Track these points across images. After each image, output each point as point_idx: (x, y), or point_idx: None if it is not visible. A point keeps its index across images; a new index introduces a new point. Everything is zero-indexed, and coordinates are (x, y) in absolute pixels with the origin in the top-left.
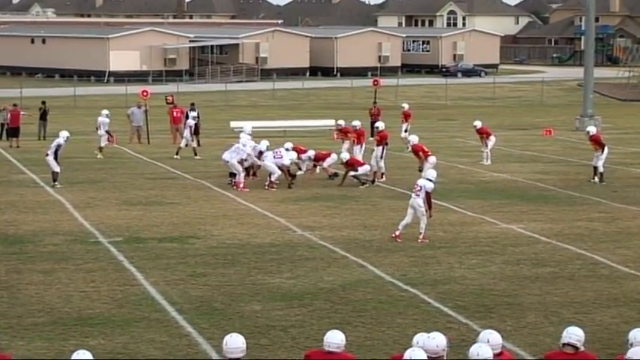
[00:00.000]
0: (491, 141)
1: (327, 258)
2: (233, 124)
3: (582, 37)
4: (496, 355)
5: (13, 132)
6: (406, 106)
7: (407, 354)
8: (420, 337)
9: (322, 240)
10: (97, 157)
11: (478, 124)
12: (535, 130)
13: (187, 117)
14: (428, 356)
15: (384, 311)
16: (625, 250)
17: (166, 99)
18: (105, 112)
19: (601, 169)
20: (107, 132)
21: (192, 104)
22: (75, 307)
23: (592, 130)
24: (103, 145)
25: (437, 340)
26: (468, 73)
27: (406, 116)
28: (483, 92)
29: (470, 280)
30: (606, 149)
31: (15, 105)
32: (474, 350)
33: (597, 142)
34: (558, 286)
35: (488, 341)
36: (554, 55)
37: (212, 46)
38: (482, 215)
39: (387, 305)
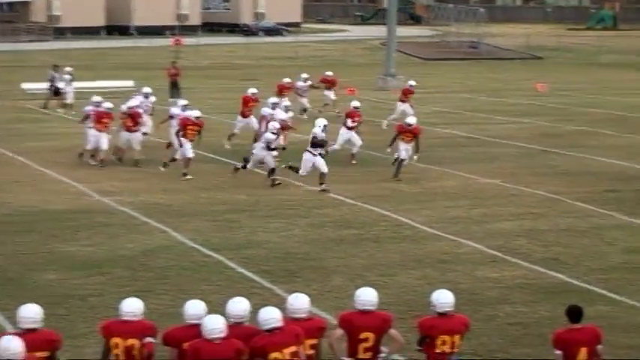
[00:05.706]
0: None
1: (127, 224)
2: (25, 85)
3: None
4: (303, 321)
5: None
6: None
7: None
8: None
9: (121, 205)
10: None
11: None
12: (339, 90)
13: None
14: (233, 322)
15: (187, 277)
16: (428, 210)
17: None
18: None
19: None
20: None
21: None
22: None
23: (412, 120)
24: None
25: (244, 304)
26: (270, 32)
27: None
28: (286, 51)
29: (274, 244)
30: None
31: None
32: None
33: (415, 136)
34: (363, 249)
35: (292, 305)
36: (357, 14)
37: (1, 4)
38: (286, 177)
39: (190, 271)
